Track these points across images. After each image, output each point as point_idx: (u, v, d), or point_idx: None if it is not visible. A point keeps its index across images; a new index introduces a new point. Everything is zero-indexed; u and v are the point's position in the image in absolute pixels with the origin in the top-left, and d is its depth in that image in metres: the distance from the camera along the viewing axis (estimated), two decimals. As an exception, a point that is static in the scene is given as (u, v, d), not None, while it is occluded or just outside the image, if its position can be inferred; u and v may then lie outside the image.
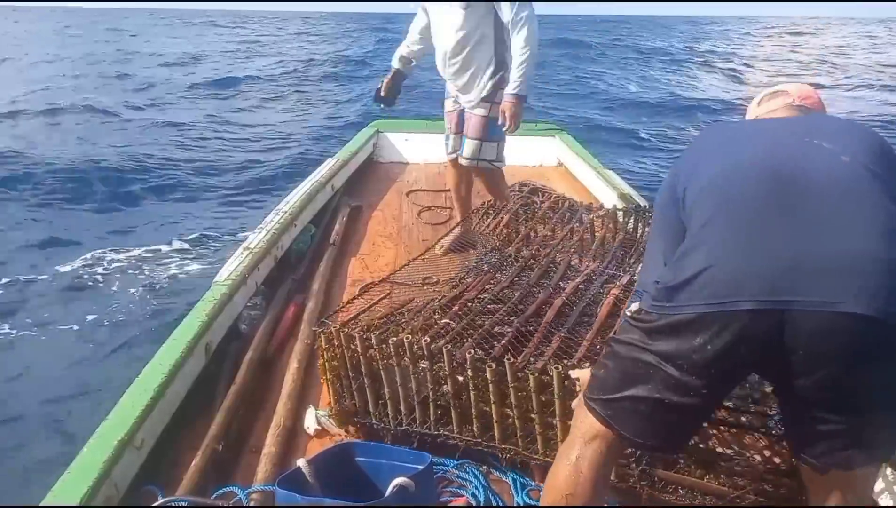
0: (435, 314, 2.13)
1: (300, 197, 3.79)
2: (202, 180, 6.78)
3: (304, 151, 7.67)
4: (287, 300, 2.99)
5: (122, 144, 7.80)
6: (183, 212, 6.01)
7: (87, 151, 7.46)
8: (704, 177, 1.32)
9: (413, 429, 2.02)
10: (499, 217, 3.22)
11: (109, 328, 4.12)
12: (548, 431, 1.82)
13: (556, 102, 9.29)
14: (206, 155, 7.66)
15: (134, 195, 6.38)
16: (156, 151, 7.68)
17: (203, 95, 10.22)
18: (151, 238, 5.39)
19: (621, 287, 2.24)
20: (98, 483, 1.76)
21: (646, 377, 1.23)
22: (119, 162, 7.21)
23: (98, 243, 5.35)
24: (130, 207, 6.15)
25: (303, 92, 10.00)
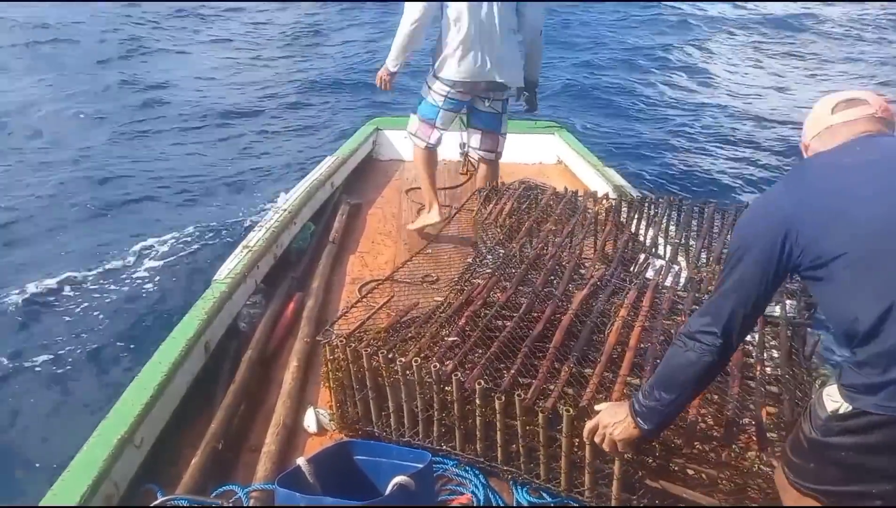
0: (442, 330, 2.12)
1: (300, 195, 3.79)
2: (200, 176, 6.77)
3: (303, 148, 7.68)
4: (287, 299, 2.99)
5: (118, 138, 7.79)
6: (181, 210, 6.00)
7: (82, 148, 7.45)
8: (847, 236, 1.20)
9: (415, 442, 2.02)
10: (500, 204, 3.22)
11: (109, 327, 4.12)
12: (551, 462, 1.82)
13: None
14: (204, 149, 7.65)
15: (130, 192, 6.38)
16: (151, 146, 7.67)
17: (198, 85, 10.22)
18: (150, 236, 5.39)
19: (629, 307, 2.22)
20: (98, 481, 1.76)
21: (873, 474, 1.22)
22: (113, 158, 7.20)
23: (97, 242, 5.34)
24: (128, 204, 6.14)
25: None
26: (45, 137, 7.72)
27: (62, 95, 9.10)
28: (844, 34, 12.92)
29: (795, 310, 2.22)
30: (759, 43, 12.57)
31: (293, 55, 11.57)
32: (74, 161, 7.05)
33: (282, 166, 7.05)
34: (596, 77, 10.32)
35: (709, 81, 10.44)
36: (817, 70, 10.93)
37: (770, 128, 8.46)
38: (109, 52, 11.13)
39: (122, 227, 5.62)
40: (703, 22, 14.05)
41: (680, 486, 1.70)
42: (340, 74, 10.44)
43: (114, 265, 4.91)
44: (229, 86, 9.97)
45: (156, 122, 8.31)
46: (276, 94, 9.69)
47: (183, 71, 10.42)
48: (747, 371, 1.94)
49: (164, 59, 10.95)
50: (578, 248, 2.83)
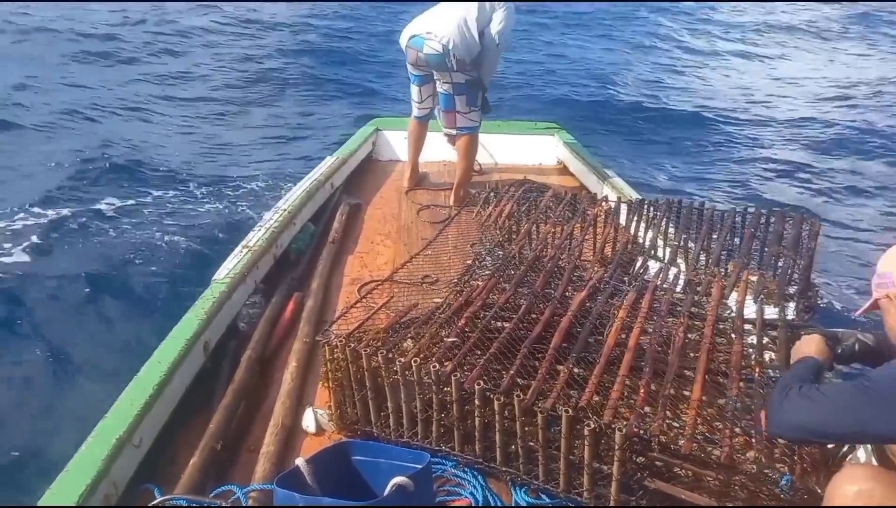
0: (441, 331, 2.13)
1: (299, 195, 3.79)
2: (198, 175, 6.77)
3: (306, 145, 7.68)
4: (286, 299, 2.99)
5: (112, 137, 7.79)
6: (180, 209, 6.00)
7: (75, 145, 7.45)
8: None
9: (414, 442, 2.02)
10: (500, 206, 3.24)
11: (108, 326, 4.12)
12: (550, 463, 1.82)
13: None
14: (202, 147, 7.64)
15: (130, 189, 6.37)
16: (149, 143, 7.66)
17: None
18: (148, 236, 5.38)
19: (628, 308, 2.23)
20: (96, 481, 1.76)
21: None
22: (108, 155, 7.20)
23: (96, 241, 5.34)
24: (127, 202, 6.13)
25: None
26: (43, 132, 7.70)
27: (58, 88, 9.08)
28: (842, 34, 12.93)
29: (794, 313, 2.22)
30: (759, 43, 12.59)
31: (290, 52, 11.57)
32: (71, 159, 7.05)
33: (281, 166, 7.05)
34: (596, 77, 10.33)
35: (709, 82, 10.45)
36: (816, 70, 10.94)
37: (769, 128, 8.47)
38: (103, 48, 11.10)
39: (120, 226, 5.62)
40: (700, 21, 14.08)
41: (678, 487, 1.70)
42: (339, 72, 10.44)
43: (112, 264, 4.90)
44: (228, 84, 9.96)
45: (151, 124, 8.30)
46: (274, 93, 9.69)
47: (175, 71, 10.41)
48: (746, 374, 1.94)
49: (154, 60, 10.92)
50: (577, 250, 2.84)
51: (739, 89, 10.24)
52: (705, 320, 2.18)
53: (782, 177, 7.06)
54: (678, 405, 1.83)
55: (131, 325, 4.11)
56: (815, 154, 7.67)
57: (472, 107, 3.81)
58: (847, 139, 8.04)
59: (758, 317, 2.19)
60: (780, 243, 2.60)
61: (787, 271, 2.42)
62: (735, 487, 1.66)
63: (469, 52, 3.60)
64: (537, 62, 10.91)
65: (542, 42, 12.16)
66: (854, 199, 6.50)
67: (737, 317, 2.19)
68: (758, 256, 2.62)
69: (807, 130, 8.41)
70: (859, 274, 5.02)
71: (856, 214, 6.15)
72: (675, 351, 2.00)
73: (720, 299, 2.32)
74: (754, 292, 2.34)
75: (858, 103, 9.41)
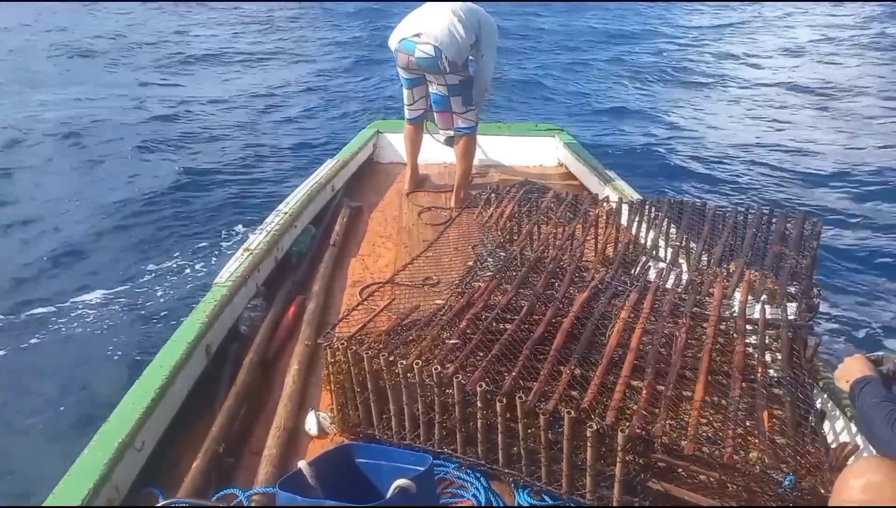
0: (443, 333, 2.12)
1: (300, 198, 3.79)
2: (201, 178, 6.77)
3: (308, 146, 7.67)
4: (287, 302, 2.99)
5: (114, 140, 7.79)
6: (181, 214, 6.00)
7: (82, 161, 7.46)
8: None
9: (416, 445, 2.02)
10: (501, 207, 3.23)
11: (110, 330, 4.12)
12: (552, 464, 1.82)
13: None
14: (203, 150, 7.65)
15: (132, 195, 6.38)
16: (147, 147, 7.66)
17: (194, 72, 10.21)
18: (150, 240, 5.39)
19: (630, 309, 2.22)
20: (99, 484, 1.76)
21: None
22: (111, 159, 7.21)
23: (96, 244, 5.34)
24: (130, 206, 6.14)
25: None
26: (50, 146, 7.72)
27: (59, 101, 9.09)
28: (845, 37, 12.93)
29: (797, 312, 2.22)
30: (758, 42, 12.59)
31: (289, 56, 11.58)
32: (73, 169, 7.06)
33: (281, 169, 7.05)
34: (595, 78, 10.33)
35: (708, 83, 10.44)
36: (813, 70, 10.93)
37: (768, 127, 8.46)
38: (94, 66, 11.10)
39: (122, 230, 5.62)
40: (701, 22, 14.08)
41: (681, 488, 1.70)
42: (338, 74, 10.45)
43: (113, 268, 4.91)
44: (224, 84, 9.96)
45: (148, 131, 8.30)
46: (273, 95, 9.70)
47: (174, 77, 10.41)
48: (749, 374, 1.94)
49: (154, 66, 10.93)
50: (579, 250, 2.83)
51: (739, 87, 10.23)
52: (707, 320, 2.17)
53: (783, 176, 7.05)
54: (681, 406, 1.82)
55: (132, 328, 4.11)
56: (816, 152, 7.66)
57: (468, 106, 3.81)
58: (847, 137, 8.03)
59: (760, 317, 2.18)
60: (782, 242, 2.59)
61: (789, 271, 2.41)
62: (738, 487, 1.65)
63: (461, 52, 3.59)
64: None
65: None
66: (856, 197, 6.48)
67: (739, 317, 2.19)
68: (760, 256, 2.61)
69: (807, 130, 8.40)
70: (862, 273, 5.02)
71: (858, 213, 6.13)
72: (678, 352, 1.99)
73: (722, 300, 2.31)
74: (756, 293, 2.33)
75: (859, 101, 9.39)
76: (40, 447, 3.08)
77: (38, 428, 3.25)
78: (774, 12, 14.94)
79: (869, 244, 5.50)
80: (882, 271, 5.06)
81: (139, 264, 4.99)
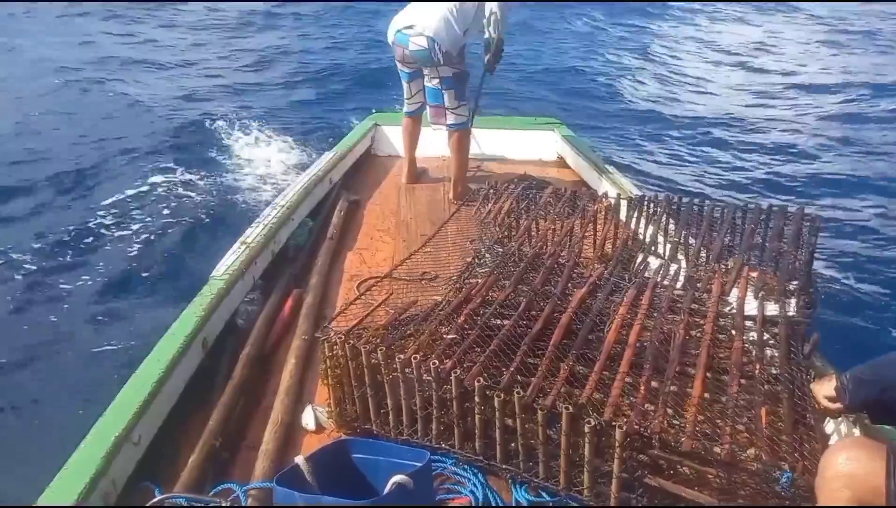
0: (441, 328, 2.12)
1: (297, 191, 3.77)
2: (195, 171, 6.74)
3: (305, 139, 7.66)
4: (285, 295, 2.97)
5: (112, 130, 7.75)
6: (177, 207, 5.98)
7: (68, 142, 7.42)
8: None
9: (414, 440, 2.02)
10: (500, 203, 3.23)
11: (105, 324, 4.11)
12: (550, 460, 1.82)
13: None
14: (197, 141, 7.61)
15: (124, 184, 6.35)
16: (145, 137, 7.63)
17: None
18: (146, 233, 5.37)
19: (628, 305, 2.22)
20: (95, 479, 1.76)
21: None
22: (108, 149, 7.17)
23: (93, 239, 5.32)
24: (122, 197, 6.11)
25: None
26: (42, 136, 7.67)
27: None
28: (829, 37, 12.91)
29: (794, 309, 2.22)
30: (758, 44, 12.57)
31: (281, 49, 11.52)
32: (72, 158, 7.02)
33: (278, 162, 7.03)
34: (594, 78, 10.31)
35: (708, 82, 10.43)
36: (809, 69, 10.92)
37: (768, 126, 8.46)
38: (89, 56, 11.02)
39: (119, 223, 5.60)
40: (697, 19, 14.04)
41: (679, 485, 1.70)
42: (336, 66, 10.40)
43: (110, 261, 4.89)
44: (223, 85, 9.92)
45: (145, 132, 8.24)
46: (269, 87, 9.65)
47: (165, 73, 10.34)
48: (746, 370, 1.94)
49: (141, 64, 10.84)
50: (577, 246, 2.83)
51: (738, 85, 10.22)
52: (706, 316, 2.17)
53: (783, 172, 7.05)
54: (679, 402, 1.82)
55: (129, 322, 4.10)
56: (816, 149, 7.66)
57: (461, 102, 3.78)
58: (848, 134, 8.04)
59: (758, 313, 2.18)
60: (780, 239, 2.59)
61: (787, 268, 2.41)
62: (736, 484, 1.65)
63: (455, 43, 3.56)
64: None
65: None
66: (855, 194, 6.49)
67: (737, 314, 2.19)
68: (758, 252, 2.61)
69: (807, 127, 8.40)
70: (860, 269, 5.02)
71: (857, 209, 6.14)
72: (676, 348, 1.99)
73: (721, 296, 2.31)
74: (755, 289, 2.33)
75: (859, 97, 9.39)
76: (35, 442, 3.07)
77: (33, 423, 3.24)
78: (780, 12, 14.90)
79: (869, 238, 5.51)
80: (880, 268, 5.07)
81: (135, 257, 4.97)
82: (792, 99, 9.48)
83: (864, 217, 5.97)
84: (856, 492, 1.38)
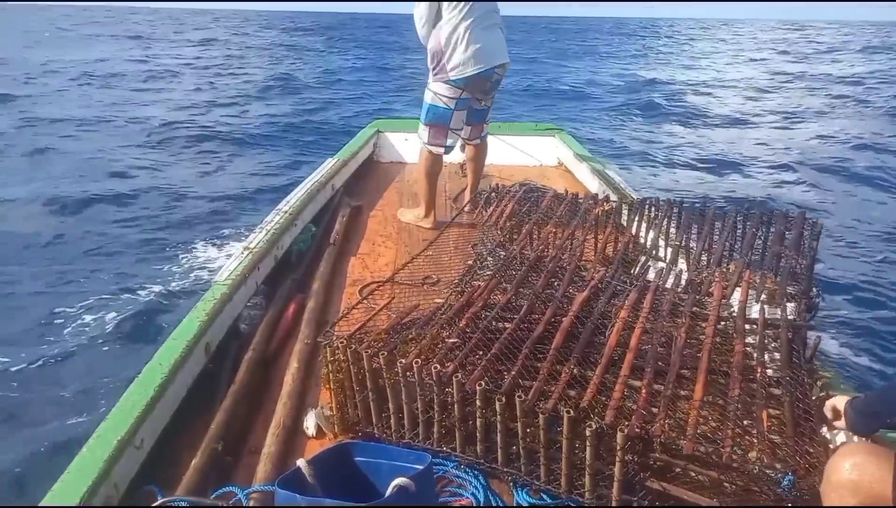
0: (443, 332, 2.12)
1: (300, 197, 3.79)
2: (200, 179, 6.78)
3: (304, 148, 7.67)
4: (287, 300, 2.98)
5: (116, 144, 7.80)
6: (179, 214, 6.01)
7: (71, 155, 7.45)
8: None
9: (415, 443, 2.02)
10: (501, 205, 3.24)
11: (109, 329, 4.12)
12: (551, 464, 1.82)
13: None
14: (201, 151, 7.64)
15: (131, 193, 6.38)
16: (149, 148, 7.67)
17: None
18: (150, 238, 5.39)
19: (629, 309, 2.22)
20: (98, 482, 1.76)
21: None
22: (110, 160, 7.21)
23: (97, 241, 5.35)
24: (127, 205, 6.15)
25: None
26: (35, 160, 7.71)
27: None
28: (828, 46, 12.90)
29: (796, 312, 2.22)
30: (756, 43, 12.57)
31: (287, 61, 11.57)
32: (73, 169, 7.06)
33: (281, 169, 7.06)
34: (594, 79, 10.33)
35: (709, 84, 10.44)
36: (807, 72, 10.92)
37: (770, 126, 8.46)
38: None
39: (123, 228, 5.63)
40: (698, 25, 14.05)
41: (681, 487, 1.70)
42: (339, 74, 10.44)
43: (113, 266, 4.91)
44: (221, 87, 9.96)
45: (144, 135, 8.30)
46: (270, 96, 9.68)
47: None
48: (748, 374, 1.94)
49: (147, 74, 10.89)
50: (579, 250, 2.83)
51: (740, 87, 10.23)
52: (707, 320, 2.17)
53: (784, 177, 7.05)
54: (680, 406, 1.82)
55: (131, 326, 4.11)
56: (817, 152, 7.66)
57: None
58: (848, 136, 8.04)
59: (760, 317, 2.18)
60: (781, 242, 2.59)
61: (788, 271, 2.41)
62: (737, 487, 1.65)
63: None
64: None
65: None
66: (856, 197, 6.49)
67: (738, 317, 2.19)
68: (759, 256, 2.61)
69: (807, 128, 8.40)
70: (861, 273, 5.02)
71: (858, 212, 6.14)
72: (677, 351, 1.99)
73: (722, 299, 2.31)
74: (756, 292, 2.34)
75: (859, 99, 9.39)
76: (37, 445, 3.07)
77: (35, 427, 3.25)
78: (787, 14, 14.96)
79: (870, 242, 5.50)
80: (881, 271, 5.06)
81: (139, 264, 4.99)
82: (795, 104, 9.49)
83: (865, 221, 5.97)
84: (862, 500, 1.38)
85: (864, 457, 1.43)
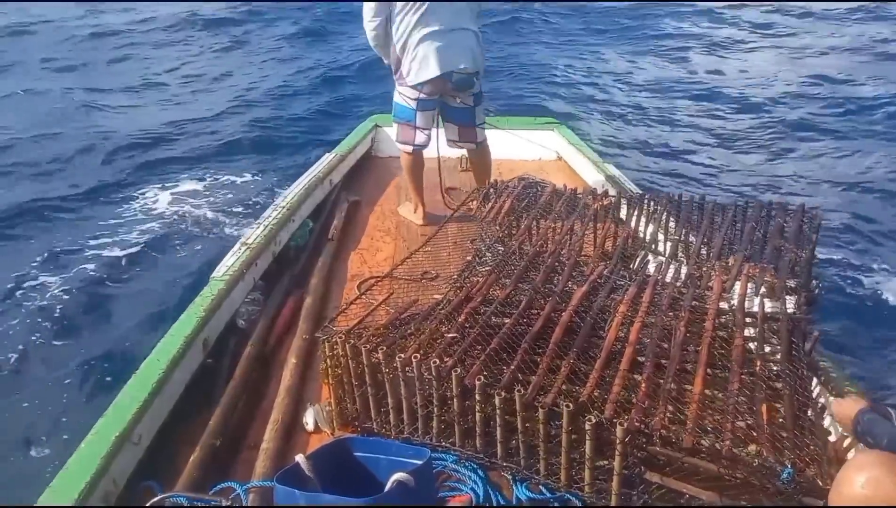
0: (442, 327, 2.12)
1: (298, 192, 3.78)
2: (196, 171, 6.75)
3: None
4: (285, 296, 2.98)
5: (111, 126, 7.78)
6: (178, 208, 5.99)
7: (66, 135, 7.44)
8: None
9: (414, 438, 2.01)
10: (500, 201, 3.23)
11: (107, 325, 4.11)
12: (551, 458, 1.81)
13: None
14: (200, 141, 7.62)
15: (126, 184, 6.36)
16: (146, 134, 7.64)
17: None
18: (147, 232, 5.38)
19: (629, 303, 2.22)
20: (96, 478, 1.76)
21: None
22: (104, 146, 7.19)
23: (93, 238, 5.33)
24: (122, 198, 6.13)
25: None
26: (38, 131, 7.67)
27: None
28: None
29: (795, 306, 2.21)
30: (756, 39, 12.57)
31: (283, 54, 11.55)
32: (77, 158, 7.03)
33: (280, 162, 7.04)
34: (593, 76, 10.32)
35: (708, 78, 10.42)
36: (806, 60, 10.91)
37: (769, 119, 8.45)
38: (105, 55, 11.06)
39: (119, 222, 5.62)
40: (695, 17, 14.05)
41: (680, 481, 1.69)
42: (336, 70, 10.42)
43: (111, 261, 4.90)
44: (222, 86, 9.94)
45: (143, 132, 8.26)
46: (271, 91, 9.66)
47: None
48: (747, 367, 1.94)
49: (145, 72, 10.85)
50: (578, 245, 2.82)
51: (740, 79, 10.21)
52: (706, 313, 2.17)
53: (782, 169, 7.05)
54: (680, 399, 1.82)
55: (130, 322, 4.11)
56: (817, 144, 7.65)
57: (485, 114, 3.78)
58: (848, 130, 8.03)
59: (759, 310, 2.18)
60: (781, 235, 2.59)
61: (788, 264, 2.40)
62: (737, 480, 1.65)
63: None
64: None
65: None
66: (856, 190, 6.48)
67: (738, 310, 2.18)
68: (759, 249, 2.60)
69: (807, 123, 8.39)
70: (861, 266, 5.02)
71: (858, 205, 6.13)
72: (677, 345, 1.99)
73: (721, 293, 2.31)
74: (756, 286, 2.33)
75: (860, 93, 9.38)
76: (35, 441, 3.07)
77: (34, 423, 3.25)
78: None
79: (870, 235, 5.50)
80: (881, 263, 5.06)
81: (135, 259, 4.98)
82: (793, 96, 9.47)
83: (866, 213, 5.96)
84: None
85: (879, 472, 1.35)
